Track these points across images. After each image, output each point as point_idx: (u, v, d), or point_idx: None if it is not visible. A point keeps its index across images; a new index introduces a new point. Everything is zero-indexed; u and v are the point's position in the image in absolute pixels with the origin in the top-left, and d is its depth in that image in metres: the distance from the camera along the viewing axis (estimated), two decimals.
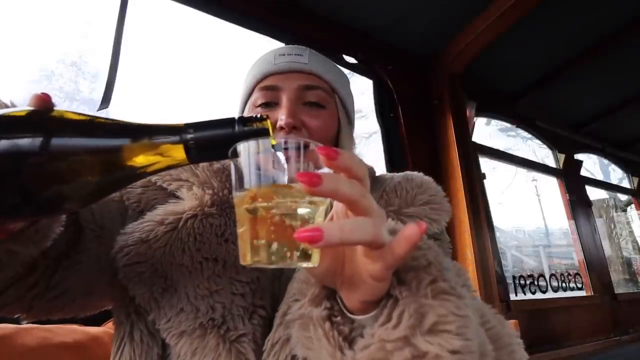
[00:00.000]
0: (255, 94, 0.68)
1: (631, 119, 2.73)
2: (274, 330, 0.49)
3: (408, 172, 0.74)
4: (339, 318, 0.38)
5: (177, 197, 0.62)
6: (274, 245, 0.31)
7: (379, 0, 1.53)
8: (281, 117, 0.63)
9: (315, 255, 0.33)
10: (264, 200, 0.31)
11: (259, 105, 0.67)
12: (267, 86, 0.67)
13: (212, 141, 0.35)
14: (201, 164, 0.64)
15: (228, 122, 0.36)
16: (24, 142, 0.31)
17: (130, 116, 0.37)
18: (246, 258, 0.32)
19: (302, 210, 0.31)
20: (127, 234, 0.56)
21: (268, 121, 0.37)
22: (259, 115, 0.38)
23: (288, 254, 0.31)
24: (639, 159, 3.31)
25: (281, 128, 0.62)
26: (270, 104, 0.66)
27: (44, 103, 0.34)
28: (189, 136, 0.35)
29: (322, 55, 0.73)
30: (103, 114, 0.36)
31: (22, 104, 0.35)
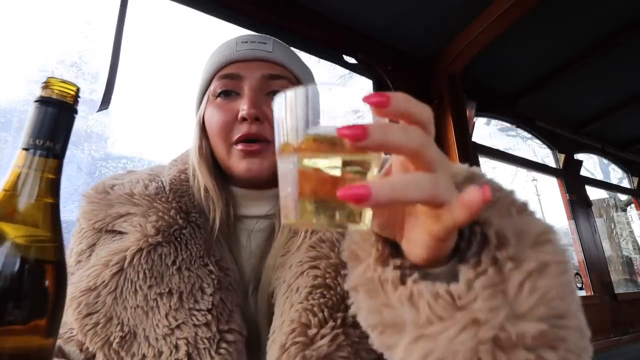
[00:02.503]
0: (215, 83, 0.63)
1: (631, 119, 2.72)
2: None
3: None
4: (415, 274, 0.31)
5: (121, 233, 0.57)
6: (318, 205, 0.27)
7: (379, 1, 1.53)
8: (243, 107, 0.58)
9: (367, 216, 0.29)
10: (307, 155, 0.28)
11: (219, 95, 0.62)
12: (228, 74, 0.62)
13: (51, 128, 0.34)
14: (137, 191, 0.59)
15: (38, 112, 0.34)
16: None
17: (130, 116, 0.36)
18: (288, 217, 0.28)
19: (350, 167, 0.28)
20: (74, 284, 0.52)
21: (48, 78, 0.35)
22: (42, 83, 0.35)
23: (333, 214, 0.27)
24: (639, 159, 3.31)
25: (243, 119, 0.58)
26: (230, 94, 0.61)
27: None
28: (38, 147, 0.33)
29: (287, 46, 0.68)
30: (103, 114, 0.35)
31: (22, 104, 0.34)
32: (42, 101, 0.33)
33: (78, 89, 0.35)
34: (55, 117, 0.34)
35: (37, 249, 0.32)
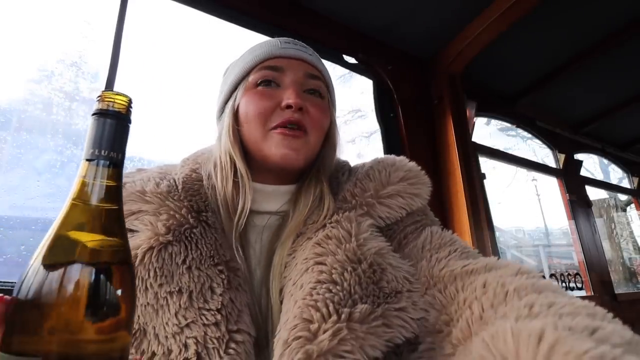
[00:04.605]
0: (256, 74, 0.66)
1: (631, 119, 2.72)
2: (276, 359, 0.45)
3: (378, 157, 0.72)
4: None
5: (133, 231, 0.58)
6: None
7: (379, 1, 1.53)
8: (289, 96, 0.61)
9: None
10: None
11: (260, 84, 0.65)
12: (272, 66, 0.65)
13: (111, 138, 0.35)
14: (148, 189, 0.60)
15: (97, 124, 0.35)
16: None
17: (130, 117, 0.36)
18: None
19: None
20: None
21: (102, 92, 0.36)
22: (97, 97, 0.36)
23: None
24: (639, 159, 3.31)
25: (288, 106, 0.61)
26: (271, 84, 0.65)
27: None
28: (101, 157, 0.35)
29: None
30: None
31: (21, 103, 0.33)
32: (100, 113, 0.35)
33: (130, 100, 0.37)
34: (114, 128, 0.35)
35: (111, 253, 0.34)
